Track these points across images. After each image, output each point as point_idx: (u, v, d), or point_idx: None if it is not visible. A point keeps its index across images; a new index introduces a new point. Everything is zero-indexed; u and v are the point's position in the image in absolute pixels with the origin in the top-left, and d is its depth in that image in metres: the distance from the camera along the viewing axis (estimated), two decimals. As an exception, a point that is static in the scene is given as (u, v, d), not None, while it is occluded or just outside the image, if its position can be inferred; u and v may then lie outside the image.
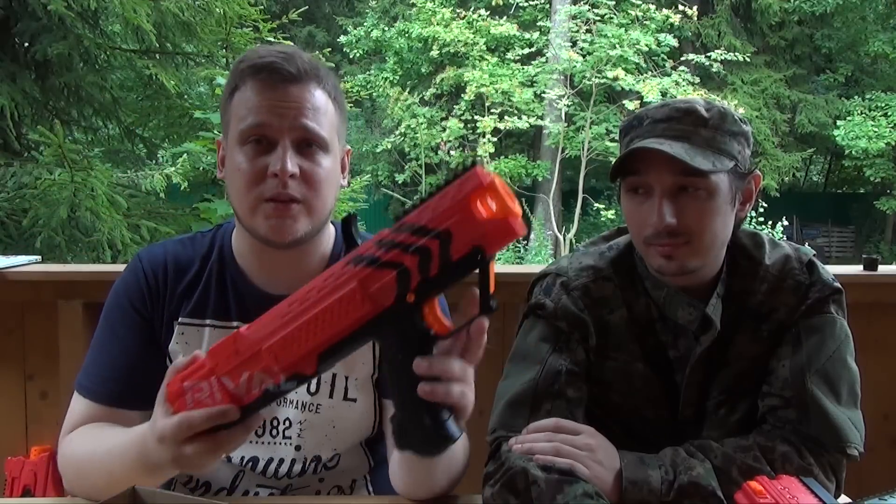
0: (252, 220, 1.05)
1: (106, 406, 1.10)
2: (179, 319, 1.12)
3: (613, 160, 1.09)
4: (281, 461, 1.14)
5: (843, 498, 1.06)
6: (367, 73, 14.56)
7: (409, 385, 0.73)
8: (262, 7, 4.00)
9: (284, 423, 1.13)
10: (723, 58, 12.34)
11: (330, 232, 1.17)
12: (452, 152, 12.71)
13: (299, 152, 1.04)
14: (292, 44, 4.21)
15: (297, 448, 1.14)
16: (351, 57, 14.83)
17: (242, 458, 1.13)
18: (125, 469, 0.94)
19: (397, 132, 13.00)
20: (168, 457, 0.83)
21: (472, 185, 0.66)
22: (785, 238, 1.46)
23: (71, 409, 1.12)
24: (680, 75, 12.06)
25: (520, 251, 12.50)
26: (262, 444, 1.14)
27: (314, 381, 1.12)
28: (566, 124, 12.40)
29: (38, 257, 2.15)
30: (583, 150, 11.97)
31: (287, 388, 0.76)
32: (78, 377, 1.13)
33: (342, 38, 14.84)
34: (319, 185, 1.05)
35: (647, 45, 11.70)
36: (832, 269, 1.26)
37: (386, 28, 14.13)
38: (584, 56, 11.92)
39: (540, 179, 13.10)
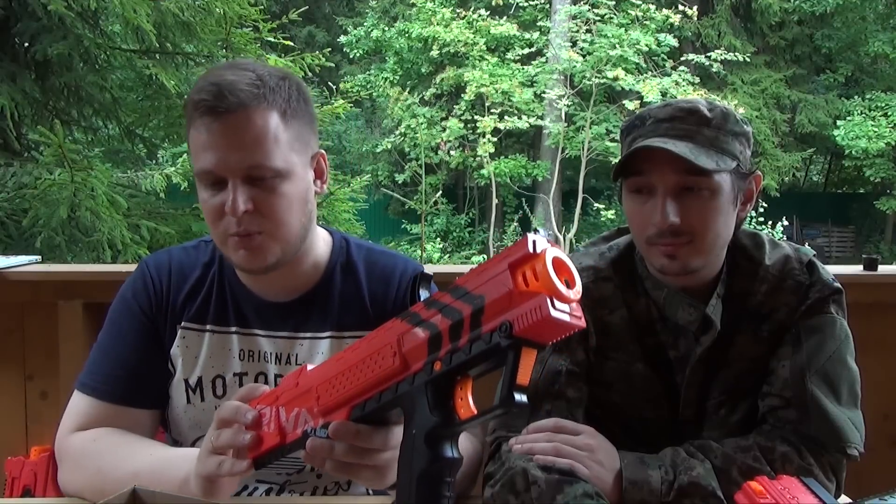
0: (225, 250, 1.08)
1: (112, 404, 1.10)
2: (182, 324, 1.15)
3: (613, 160, 1.10)
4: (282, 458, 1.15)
5: (843, 498, 1.06)
6: (367, 73, 14.56)
7: (420, 472, 0.67)
8: (262, 7, 3.99)
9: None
10: (723, 58, 12.34)
11: (320, 239, 1.18)
12: (452, 152, 12.71)
13: (252, 185, 1.02)
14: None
15: None
16: (351, 57, 14.83)
17: None
18: (159, 487, 0.95)
19: (397, 132, 13.00)
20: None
21: (519, 251, 0.60)
22: (785, 238, 1.46)
23: (71, 407, 1.13)
24: (680, 75, 12.06)
25: (520, 251, 12.49)
26: None
27: None
28: (566, 124, 12.40)
29: (38, 257, 2.15)
30: (583, 150, 11.96)
31: (320, 435, 0.76)
32: (80, 377, 1.14)
33: (342, 38, 14.83)
34: (278, 214, 1.03)
35: (647, 45, 11.70)
36: (832, 269, 1.26)
37: (386, 28, 14.12)
38: (584, 56, 11.91)
39: (540, 179, 13.10)
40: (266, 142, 1.01)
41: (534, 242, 0.60)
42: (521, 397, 0.61)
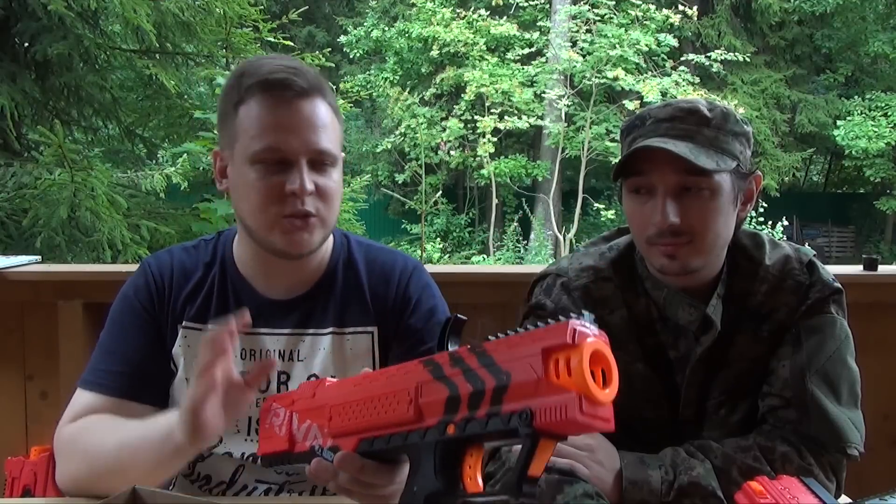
0: (269, 235, 1.07)
1: (115, 398, 1.10)
2: (183, 323, 1.15)
3: (613, 160, 1.10)
4: None
5: (844, 498, 1.06)
6: (367, 73, 14.56)
7: None
8: (262, 7, 3.99)
9: None
10: (723, 58, 12.34)
11: (328, 239, 1.19)
12: (452, 152, 12.71)
13: (312, 168, 1.06)
14: (292, 43, 4.22)
15: None
16: (351, 57, 14.83)
17: (243, 453, 1.15)
18: (144, 453, 0.95)
19: (397, 132, 13.00)
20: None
21: (556, 337, 0.56)
22: (785, 238, 1.46)
23: (72, 403, 1.12)
24: (680, 75, 12.06)
25: (520, 251, 12.50)
26: None
27: None
28: (566, 124, 12.40)
29: (38, 257, 2.15)
30: (583, 150, 11.96)
31: (326, 457, 0.76)
32: (82, 376, 1.13)
33: (342, 38, 14.83)
34: (332, 198, 1.08)
35: (647, 45, 11.70)
36: (832, 269, 1.26)
37: (386, 28, 14.13)
38: (584, 56, 11.92)
39: (540, 179, 13.10)
40: (328, 129, 1.07)
41: (574, 332, 0.55)
42: (530, 489, 0.57)
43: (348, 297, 1.17)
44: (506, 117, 11.90)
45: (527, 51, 12.64)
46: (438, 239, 13.42)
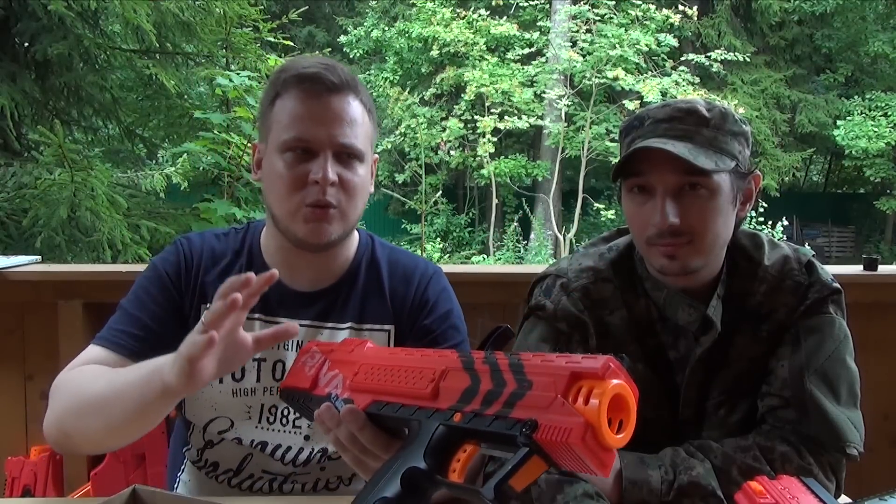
0: (291, 222, 1.10)
1: (123, 357, 1.09)
2: (207, 306, 1.16)
3: (613, 160, 1.10)
4: (289, 448, 1.18)
5: (843, 498, 1.06)
6: (367, 73, 14.56)
7: (380, 498, 0.65)
8: (262, 7, 3.99)
9: (295, 414, 1.18)
10: (723, 58, 12.34)
11: (354, 237, 1.23)
12: (452, 152, 12.71)
13: (338, 161, 1.10)
14: (292, 43, 4.23)
15: (307, 438, 1.18)
16: (351, 57, 14.82)
17: (252, 440, 1.17)
18: (130, 390, 0.94)
19: (397, 132, 13.00)
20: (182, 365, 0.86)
21: (589, 365, 0.57)
22: (785, 238, 1.46)
23: (81, 354, 1.11)
24: (680, 75, 12.06)
25: (520, 251, 12.50)
26: (273, 431, 1.18)
27: None
28: (566, 124, 12.40)
29: (38, 257, 2.15)
30: (583, 150, 11.96)
31: (337, 406, 0.80)
32: (97, 335, 1.13)
33: (342, 38, 14.84)
34: (354, 192, 1.11)
35: (647, 45, 11.70)
36: (832, 269, 1.26)
37: (386, 28, 14.13)
38: (584, 56, 11.92)
39: (540, 179, 13.10)
40: (356, 125, 1.11)
41: (608, 367, 0.56)
42: (505, 494, 0.59)
43: (369, 295, 1.21)
44: (506, 117, 11.90)
45: (527, 51, 12.64)
46: (438, 239, 13.42)
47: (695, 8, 12.84)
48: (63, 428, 1.02)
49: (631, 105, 10.46)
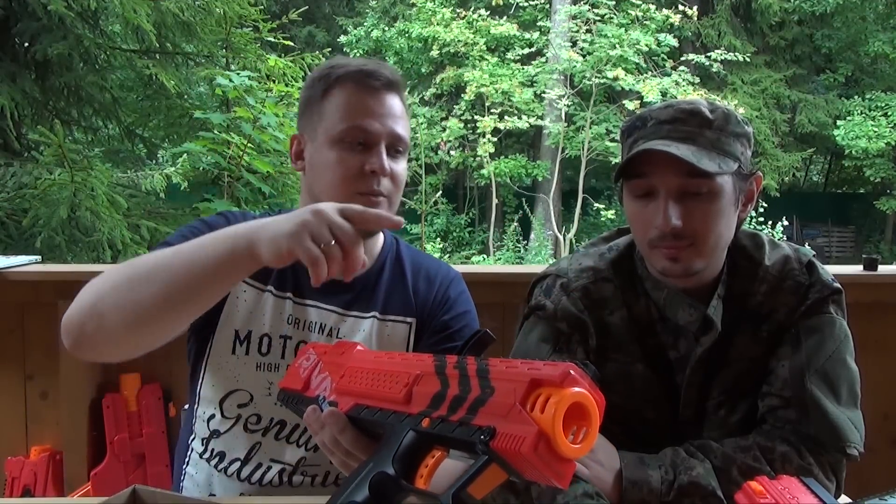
0: None
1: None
2: (245, 278, 1.17)
3: (614, 160, 1.11)
4: (304, 430, 1.19)
5: (843, 498, 1.06)
6: (367, 73, 14.54)
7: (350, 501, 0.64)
8: (262, 7, 4.00)
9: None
10: (723, 58, 12.34)
11: (380, 234, 1.28)
12: (452, 152, 12.71)
13: (388, 154, 1.15)
14: (292, 43, 4.23)
15: None
16: (351, 57, 14.82)
17: (272, 419, 1.19)
18: (189, 251, 0.92)
19: (397, 132, 12.99)
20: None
21: (549, 372, 0.56)
22: (785, 238, 1.46)
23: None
24: (680, 75, 12.06)
25: (520, 251, 12.50)
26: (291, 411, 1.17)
27: None
28: (566, 124, 12.40)
29: (38, 257, 2.15)
30: (583, 150, 11.96)
31: (323, 408, 0.81)
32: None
33: (342, 38, 14.84)
34: (401, 184, 1.19)
35: (647, 45, 11.70)
36: (832, 269, 1.26)
37: (386, 28, 14.13)
38: (584, 56, 11.92)
39: (540, 179, 13.10)
40: (404, 119, 1.18)
41: (566, 375, 0.55)
42: (461, 502, 0.58)
43: (393, 289, 1.25)
44: (506, 117, 11.90)
45: (527, 51, 12.64)
46: (438, 239, 13.42)
47: (695, 8, 12.84)
48: (97, 307, 0.95)
49: (631, 105, 10.46)
